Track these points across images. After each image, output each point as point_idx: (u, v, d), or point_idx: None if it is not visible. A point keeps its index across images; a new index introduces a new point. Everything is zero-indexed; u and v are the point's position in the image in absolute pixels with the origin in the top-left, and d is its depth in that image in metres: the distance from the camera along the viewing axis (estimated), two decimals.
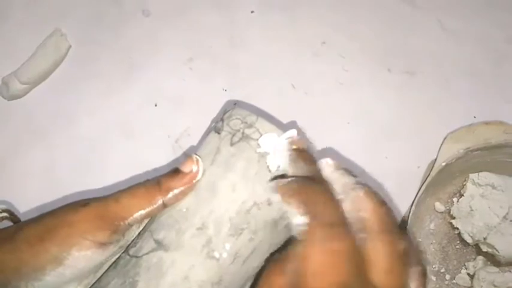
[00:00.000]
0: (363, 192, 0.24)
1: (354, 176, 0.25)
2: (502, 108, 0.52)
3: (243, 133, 0.27)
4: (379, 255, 0.22)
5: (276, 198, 0.25)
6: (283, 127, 0.27)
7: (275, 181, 0.25)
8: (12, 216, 0.32)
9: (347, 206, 0.24)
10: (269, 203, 0.26)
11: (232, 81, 0.54)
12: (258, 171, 0.27)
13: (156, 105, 0.53)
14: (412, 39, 0.55)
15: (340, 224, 0.23)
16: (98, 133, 0.52)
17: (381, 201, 0.24)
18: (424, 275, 0.24)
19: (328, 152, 0.50)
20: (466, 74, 0.53)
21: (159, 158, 0.51)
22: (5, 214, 0.32)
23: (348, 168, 0.26)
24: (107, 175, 0.50)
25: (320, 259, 0.21)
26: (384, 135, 0.51)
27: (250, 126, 0.27)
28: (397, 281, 0.22)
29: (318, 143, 0.50)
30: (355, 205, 0.24)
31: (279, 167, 0.27)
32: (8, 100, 0.53)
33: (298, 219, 0.23)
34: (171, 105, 0.53)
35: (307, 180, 0.25)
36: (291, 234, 0.23)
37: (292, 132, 0.27)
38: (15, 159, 0.52)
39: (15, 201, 0.49)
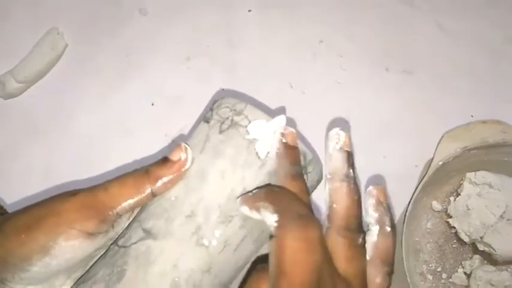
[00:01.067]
0: (346, 187, 0.26)
1: (351, 166, 0.26)
2: (499, 107, 0.52)
3: (231, 120, 0.27)
4: (340, 245, 0.25)
5: (245, 211, 0.25)
6: (272, 114, 0.27)
7: (240, 197, 0.26)
8: (0, 209, 0.32)
9: (328, 190, 0.26)
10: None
11: (230, 80, 0.54)
12: (247, 157, 0.26)
13: (153, 104, 0.53)
14: (410, 38, 0.55)
15: (308, 215, 0.24)
16: (95, 132, 0.52)
17: (356, 203, 0.26)
18: (389, 275, 0.26)
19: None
20: (463, 73, 0.54)
21: (156, 157, 0.51)
22: None
23: (351, 154, 0.27)
24: (104, 173, 0.50)
25: (294, 247, 0.22)
26: (381, 134, 0.51)
27: (239, 113, 0.27)
28: (356, 267, 0.25)
29: (315, 143, 0.50)
30: (334, 195, 0.26)
31: (268, 153, 0.27)
32: (4, 99, 0.53)
33: (270, 218, 0.23)
34: (168, 104, 0.53)
35: (270, 186, 0.26)
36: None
37: (281, 118, 0.27)
38: (12, 158, 0.51)
39: (13, 199, 0.49)
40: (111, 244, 0.27)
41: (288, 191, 0.25)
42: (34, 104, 0.53)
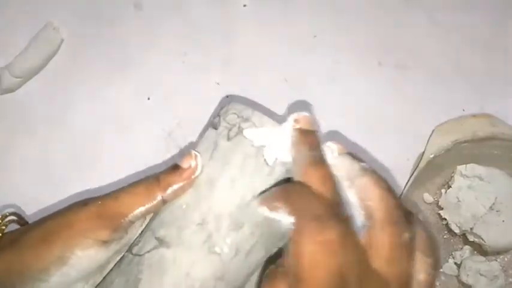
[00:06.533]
0: (369, 180, 0.24)
1: (360, 161, 0.25)
2: (490, 101, 0.52)
3: (239, 127, 0.27)
4: (380, 244, 0.23)
5: (265, 212, 0.24)
6: (279, 119, 0.28)
7: (259, 197, 0.25)
8: (20, 219, 0.33)
9: (353, 194, 0.24)
10: None
11: (225, 75, 0.54)
12: (255, 164, 0.27)
13: (148, 99, 0.54)
14: (402, 32, 0.56)
15: (327, 214, 0.22)
16: (92, 126, 0.52)
17: (388, 189, 0.24)
18: (435, 267, 0.24)
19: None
20: (455, 67, 0.54)
21: (152, 151, 0.51)
22: (12, 217, 0.32)
23: (353, 153, 0.25)
24: (100, 168, 0.51)
25: (312, 252, 0.21)
26: (373, 128, 0.52)
27: (246, 120, 0.28)
28: (396, 270, 0.23)
29: None
30: (361, 193, 0.24)
31: (276, 159, 0.27)
32: (1, 94, 0.54)
33: (286, 220, 0.23)
34: (164, 98, 0.53)
35: (287, 183, 0.25)
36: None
37: (289, 123, 0.27)
38: (8, 153, 0.52)
39: (9, 195, 0.49)
40: (126, 251, 0.28)
41: (304, 187, 0.24)
42: (31, 99, 0.54)
